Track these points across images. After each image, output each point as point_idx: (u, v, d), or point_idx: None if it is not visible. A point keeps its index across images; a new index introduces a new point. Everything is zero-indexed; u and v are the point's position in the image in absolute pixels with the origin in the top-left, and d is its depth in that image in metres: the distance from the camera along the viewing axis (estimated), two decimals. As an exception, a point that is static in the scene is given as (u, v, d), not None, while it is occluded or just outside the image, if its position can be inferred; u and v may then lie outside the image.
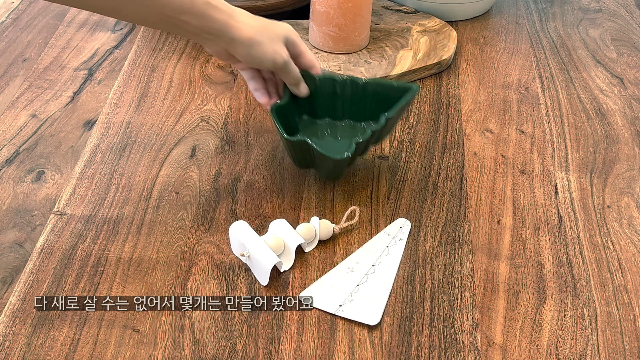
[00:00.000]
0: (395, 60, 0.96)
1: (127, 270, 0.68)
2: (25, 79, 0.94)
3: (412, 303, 0.66)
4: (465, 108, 0.91)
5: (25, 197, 0.76)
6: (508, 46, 1.05)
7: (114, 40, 1.02)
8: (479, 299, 0.67)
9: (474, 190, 0.79)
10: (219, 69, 0.96)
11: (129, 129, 0.85)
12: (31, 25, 1.05)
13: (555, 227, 0.75)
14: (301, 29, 1.01)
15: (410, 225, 0.74)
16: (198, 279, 0.67)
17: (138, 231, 0.72)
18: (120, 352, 0.61)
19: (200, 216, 0.74)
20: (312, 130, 0.79)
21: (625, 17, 1.14)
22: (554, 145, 0.86)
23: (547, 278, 0.69)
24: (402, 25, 1.04)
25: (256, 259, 0.67)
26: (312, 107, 0.79)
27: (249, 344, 0.62)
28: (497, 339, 0.64)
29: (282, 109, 0.74)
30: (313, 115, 0.80)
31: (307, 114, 0.79)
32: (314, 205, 0.76)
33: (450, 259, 0.71)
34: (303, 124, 0.79)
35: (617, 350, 0.63)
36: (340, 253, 0.71)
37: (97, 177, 0.78)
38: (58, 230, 0.72)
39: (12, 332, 0.62)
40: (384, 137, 0.77)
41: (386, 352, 0.62)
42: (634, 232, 0.75)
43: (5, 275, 0.67)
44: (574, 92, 0.96)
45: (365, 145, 0.74)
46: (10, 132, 0.84)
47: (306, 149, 0.70)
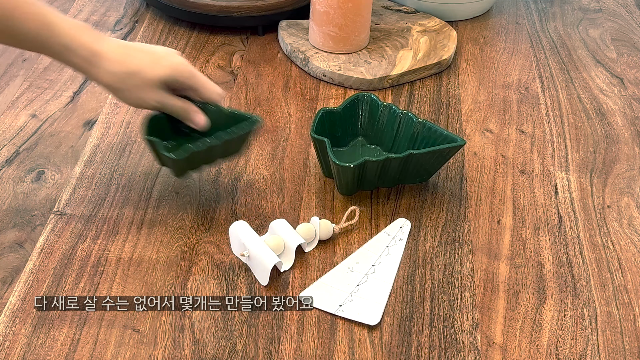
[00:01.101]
0: (395, 60, 0.96)
1: (127, 270, 0.68)
2: (25, 79, 0.94)
3: (412, 303, 0.66)
4: (465, 108, 0.91)
5: (25, 197, 0.76)
6: (508, 46, 1.05)
7: (114, 40, 1.02)
8: (479, 299, 0.67)
9: (474, 190, 0.79)
10: (219, 69, 0.96)
11: (129, 129, 0.85)
12: (31, 25, 1.05)
13: (555, 227, 0.75)
14: (301, 29, 1.01)
15: (410, 225, 0.74)
16: (198, 279, 0.67)
17: (138, 231, 0.72)
18: (120, 352, 0.61)
19: (200, 216, 0.74)
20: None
21: (625, 17, 1.14)
22: (554, 145, 0.86)
23: (547, 278, 0.69)
24: (402, 25, 1.04)
25: (256, 259, 0.67)
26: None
27: (249, 344, 0.62)
28: (497, 339, 0.64)
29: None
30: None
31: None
32: (314, 205, 0.76)
33: (450, 259, 0.71)
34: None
35: (617, 350, 0.63)
36: (340, 253, 0.71)
37: (97, 177, 0.78)
38: (58, 230, 0.72)
39: (12, 332, 0.62)
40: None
41: (386, 352, 0.62)
42: (634, 232, 0.75)
43: (5, 275, 0.67)
44: (574, 92, 0.96)
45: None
46: (10, 132, 0.84)
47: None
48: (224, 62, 0.98)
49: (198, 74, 0.71)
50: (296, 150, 0.83)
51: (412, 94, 0.93)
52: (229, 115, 0.73)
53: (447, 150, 0.74)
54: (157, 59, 0.68)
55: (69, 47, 0.64)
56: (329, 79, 0.94)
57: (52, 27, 0.63)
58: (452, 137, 0.75)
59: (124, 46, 0.67)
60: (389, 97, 0.93)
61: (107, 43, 0.66)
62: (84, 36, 0.65)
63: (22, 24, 0.62)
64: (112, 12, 1.09)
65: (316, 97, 0.92)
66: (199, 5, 1.01)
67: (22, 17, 0.62)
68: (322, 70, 0.94)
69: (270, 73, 0.96)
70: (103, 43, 0.66)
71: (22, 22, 0.62)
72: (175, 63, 0.69)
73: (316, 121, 0.76)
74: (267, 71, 0.97)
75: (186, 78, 0.70)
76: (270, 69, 0.97)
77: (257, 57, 0.99)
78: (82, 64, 0.65)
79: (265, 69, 0.97)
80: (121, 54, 0.67)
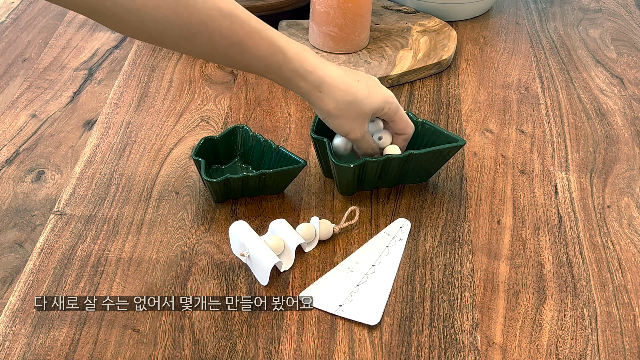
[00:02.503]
0: (395, 60, 0.96)
1: (127, 270, 0.68)
2: (25, 79, 0.94)
3: (412, 303, 0.66)
4: (465, 108, 0.91)
5: (25, 197, 0.76)
6: (508, 46, 1.05)
7: (114, 40, 1.02)
8: (479, 299, 0.67)
9: (474, 190, 0.79)
10: (219, 69, 0.96)
11: (129, 129, 0.85)
12: (31, 25, 1.05)
13: (555, 227, 0.75)
14: (301, 29, 1.01)
15: (410, 225, 0.74)
16: (198, 279, 0.67)
17: (138, 231, 0.72)
18: (120, 352, 0.61)
19: (200, 216, 0.74)
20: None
21: (625, 17, 1.14)
22: (554, 145, 0.86)
23: (547, 278, 0.69)
24: (402, 25, 1.04)
25: (256, 259, 0.67)
26: None
27: (249, 344, 0.62)
28: (497, 339, 0.64)
29: None
30: None
31: None
32: (314, 205, 0.76)
33: (450, 259, 0.71)
34: None
35: (617, 350, 0.63)
36: (340, 253, 0.71)
37: (97, 177, 0.78)
38: (58, 230, 0.72)
39: (12, 332, 0.62)
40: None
41: (386, 352, 0.62)
42: (634, 232, 0.75)
43: (5, 275, 0.67)
44: (574, 92, 0.96)
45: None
46: (10, 132, 0.84)
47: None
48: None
49: (401, 108, 0.73)
50: (296, 150, 0.83)
51: (412, 94, 0.93)
52: (280, 153, 0.76)
53: (447, 150, 0.74)
54: (372, 89, 0.70)
55: (298, 72, 0.66)
56: (329, 79, 0.94)
57: (284, 52, 0.65)
58: (452, 137, 0.75)
59: (345, 74, 0.69)
60: (389, 97, 0.93)
61: (331, 70, 0.68)
62: (311, 61, 0.67)
63: (255, 51, 0.63)
64: (112, 12, 1.09)
65: (316, 97, 0.92)
66: (199, 5, 1.00)
67: (255, 44, 0.63)
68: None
69: (270, 73, 0.96)
70: (327, 69, 0.68)
71: (255, 49, 0.63)
72: (386, 95, 0.71)
73: (316, 121, 0.76)
74: (267, 71, 0.97)
75: (393, 111, 0.72)
76: (270, 69, 0.97)
77: (257, 57, 0.99)
78: (309, 89, 0.67)
79: (265, 69, 0.97)
80: (344, 82, 0.68)
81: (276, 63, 0.65)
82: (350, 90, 0.69)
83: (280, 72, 0.66)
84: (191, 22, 0.59)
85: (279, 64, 0.65)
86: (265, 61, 0.65)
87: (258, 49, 0.64)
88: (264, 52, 0.64)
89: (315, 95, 0.68)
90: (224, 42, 0.62)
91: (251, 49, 0.63)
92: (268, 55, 0.64)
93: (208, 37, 0.61)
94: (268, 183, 0.74)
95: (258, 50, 0.64)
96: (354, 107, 0.69)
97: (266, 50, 0.64)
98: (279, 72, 0.66)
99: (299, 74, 0.66)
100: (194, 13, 0.59)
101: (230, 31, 0.61)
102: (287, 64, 0.65)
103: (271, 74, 0.66)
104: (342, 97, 0.68)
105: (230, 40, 0.62)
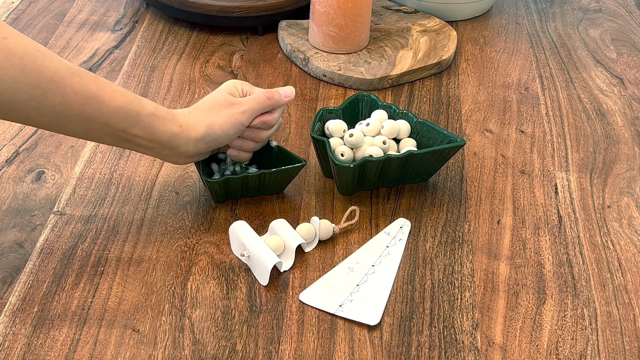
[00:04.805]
0: (395, 60, 0.96)
1: (127, 270, 0.68)
2: (25, 79, 0.93)
3: (412, 303, 0.66)
4: (465, 108, 0.91)
5: (25, 197, 0.76)
6: (508, 46, 1.05)
7: (114, 40, 1.02)
8: (479, 299, 0.67)
9: (474, 190, 0.79)
10: (219, 69, 0.96)
11: (129, 129, 0.85)
12: (31, 25, 1.05)
13: (555, 227, 0.75)
14: (301, 29, 1.01)
15: (410, 225, 0.74)
16: (198, 279, 0.67)
17: (138, 231, 0.72)
18: (120, 352, 0.61)
19: (200, 216, 0.74)
20: None
21: (625, 17, 1.14)
22: (554, 145, 0.86)
23: (547, 278, 0.69)
24: (402, 25, 1.04)
25: (256, 259, 0.67)
26: None
27: (249, 344, 0.62)
28: (497, 339, 0.64)
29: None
30: None
31: None
32: (314, 205, 0.76)
33: (450, 259, 0.71)
34: None
35: (617, 350, 0.63)
36: (340, 253, 0.71)
37: (97, 177, 0.78)
38: (58, 230, 0.72)
39: (12, 332, 0.62)
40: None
41: (386, 352, 0.62)
42: (634, 232, 0.75)
43: (5, 275, 0.67)
44: (574, 92, 0.96)
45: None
46: (10, 132, 0.84)
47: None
48: (224, 62, 0.98)
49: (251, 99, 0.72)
50: (296, 150, 0.83)
51: (412, 94, 0.93)
52: (280, 153, 0.77)
53: (447, 150, 0.74)
54: (217, 109, 0.70)
55: (156, 114, 0.66)
56: (329, 79, 0.94)
57: (139, 99, 0.65)
58: (452, 137, 0.75)
59: (193, 110, 0.70)
60: (389, 97, 0.93)
61: (179, 111, 0.69)
62: (161, 107, 0.67)
63: (110, 102, 0.63)
64: (112, 12, 1.09)
65: (316, 97, 0.92)
66: (198, 5, 1.01)
67: (110, 95, 0.63)
68: (322, 71, 0.94)
69: (270, 73, 0.96)
70: (176, 110, 0.69)
71: (110, 100, 0.63)
72: (226, 87, 0.72)
73: (316, 121, 0.76)
74: (267, 71, 0.97)
75: (243, 86, 0.73)
76: (270, 69, 0.97)
77: (257, 57, 0.99)
78: (171, 127, 0.67)
79: (265, 69, 0.97)
80: (199, 106, 0.70)
81: (134, 111, 0.64)
82: (210, 108, 0.69)
83: (139, 119, 0.65)
84: (40, 80, 0.59)
85: (136, 111, 0.64)
86: (122, 111, 0.64)
87: (113, 100, 0.63)
88: (120, 102, 0.63)
89: (179, 131, 0.67)
90: (78, 98, 0.61)
91: (106, 102, 0.62)
92: (124, 104, 0.64)
93: (61, 95, 0.60)
94: (268, 183, 0.74)
95: (113, 101, 0.63)
96: (207, 103, 0.70)
97: (121, 99, 0.63)
98: (137, 120, 0.65)
99: (156, 116, 0.66)
100: (43, 72, 0.59)
101: (81, 86, 0.61)
102: (144, 108, 0.65)
103: (130, 125, 0.65)
104: (206, 117, 0.69)
105: (84, 95, 0.61)
